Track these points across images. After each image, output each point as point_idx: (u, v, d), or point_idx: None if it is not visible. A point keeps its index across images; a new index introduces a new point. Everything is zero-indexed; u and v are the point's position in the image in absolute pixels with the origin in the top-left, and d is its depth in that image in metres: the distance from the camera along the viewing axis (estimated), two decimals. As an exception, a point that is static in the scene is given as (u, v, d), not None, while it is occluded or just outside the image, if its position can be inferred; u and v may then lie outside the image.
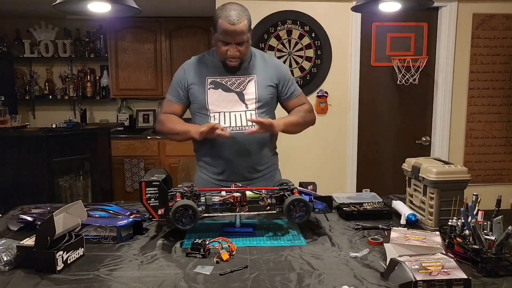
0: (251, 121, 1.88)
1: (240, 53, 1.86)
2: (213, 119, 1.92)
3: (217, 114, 1.92)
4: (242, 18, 1.81)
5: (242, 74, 1.95)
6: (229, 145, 1.91)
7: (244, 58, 1.92)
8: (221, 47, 1.86)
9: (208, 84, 1.94)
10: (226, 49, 1.85)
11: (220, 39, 1.84)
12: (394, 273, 1.19)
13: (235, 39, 1.82)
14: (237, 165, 1.95)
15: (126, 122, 4.97)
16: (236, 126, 1.91)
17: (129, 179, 4.48)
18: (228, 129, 1.87)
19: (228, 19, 1.79)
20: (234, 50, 1.84)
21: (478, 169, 3.73)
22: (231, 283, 1.21)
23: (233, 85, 1.94)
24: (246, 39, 1.85)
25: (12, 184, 3.13)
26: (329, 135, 3.63)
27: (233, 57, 1.86)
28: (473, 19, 3.56)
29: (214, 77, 1.95)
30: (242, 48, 1.86)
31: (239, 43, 1.84)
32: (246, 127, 1.91)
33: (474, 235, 1.34)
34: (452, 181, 1.62)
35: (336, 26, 3.54)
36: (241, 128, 1.91)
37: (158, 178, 1.55)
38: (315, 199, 1.60)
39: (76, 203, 1.41)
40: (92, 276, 1.26)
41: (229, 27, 1.79)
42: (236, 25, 1.79)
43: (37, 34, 4.70)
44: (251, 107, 1.93)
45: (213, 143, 1.93)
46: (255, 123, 1.85)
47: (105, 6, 1.75)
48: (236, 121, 1.92)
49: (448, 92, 3.63)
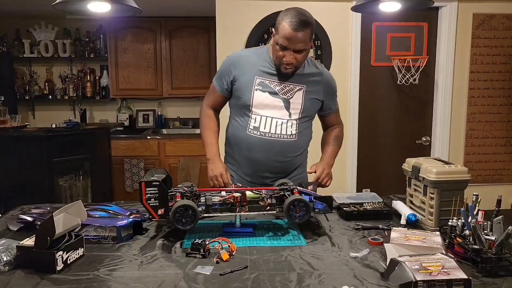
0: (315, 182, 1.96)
1: (297, 61, 1.80)
2: (254, 121, 1.89)
3: (259, 118, 1.89)
4: (307, 25, 1.73)
5: (293, 82, 1.90)
6: (263, 150, 1.90)
7: (300, 66, 1.86)
8: (278, 51, 1.79)
9: (256, 84, 1.89)
10: (283, 54, 1.78)
11: (279, 43, 1.77)
12: (394, 273, 1.19)
13: (295, 46, 1.74)
14: (267, 169, 1.94)
15: (126, 122, 4.96)
16: (276, 133, 1.89)
17: (129, 179, 4.48)
18: (266, 135, 1.89)
19: (292, 24, 1.71)
20: (291, 56, 1.77)
21: (478, 169, 3.73)
22: (231, 283, 1.21)
23: (281, 90, 1.88)
24: (306, 47, 1.78)
25: (12, 184, 3.13)
26: (329, 135, 3.63)
27: (288, 63, 1.80)
28: (473, 19, 3.56)
29: (263, 78, 1.89)
30: (300, 56, 1.79)
31: (297, 50, 1.76)
32: (285, 135, 1.90)
33: (474, 235, 1.34)
34: (452, 181, 1.62)
35: (336, 26, 3.54)
36: (279, 136, 1.89)
37: (158, 178, 1.55)
38: (315, 199, 1.60)
39: (76, 203, 1.41)
40: (92, 276, 1.26)
41: (291, 32, 1.71)
42: (299, 31, 1.71)
43: (37, 34, 4.70)
44: (294, 117, 1.90)
45: (248, 147, 1.93)
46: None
47: (105, 6, 1.75)
48: (276, 128, 1.88)
49: (448, 92, 3.63)
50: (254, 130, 1.90)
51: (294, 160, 1.99)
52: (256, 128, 1.89)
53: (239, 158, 1.99)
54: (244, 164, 1.98)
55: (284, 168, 1.97)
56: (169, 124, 5.11)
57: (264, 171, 1.95)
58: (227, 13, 3.49)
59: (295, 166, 2.02)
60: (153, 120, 5.10)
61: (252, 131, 1.90)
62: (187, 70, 4.75)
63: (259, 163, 1.93)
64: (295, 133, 1.92)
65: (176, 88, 4.78)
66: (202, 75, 4.75)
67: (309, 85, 1.92)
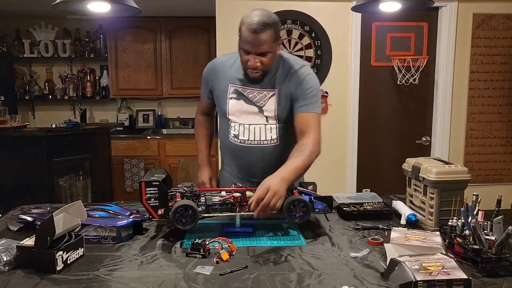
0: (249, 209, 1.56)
1: (262, 64, 1.71)
2: (234, 130, 1.87)
3: (237, 125, 1.85)
4: (267, 27, 1.63)
5: (265, 88, 1.81)
6: (248, 156, 1.88)
7: (268, 69, 1.76)
8: (243, 56, 1.72)
9: (230, 92, 1.85)
10: (247, 58, 1.70)
11: (241, 47, 1.71)
12: (394, 273, 1.19)
13: (256, 49, 1.67)
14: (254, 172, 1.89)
15: (126, 122, 4.96)
16: (255, 140, 1.84)
17: (129, 179, 4.48)
18: (246, 142, 1.84)
19: (252, 27, 1.63)
20: (255, 60, 1.69)
21: (478, 169, 3.73)
22: (231, 283, 1.21)
23: (254, 98, 1.82)
24: (270, 49, 1.68)
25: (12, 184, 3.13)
26: (329, 135, 3.63)
27: (253, 67, 1.71)
28: (473, 19, 3.56)
29: (237, 85, 1.84)
30: (265, 59, 1.70)
31: (261, 53, 1.68)
32: (265, 141, 1.84)
33: (474, 235, 1.34)
34: (452, 181, 1.62)
35: (336, 26, 3.54)
36: (259, 143, 1.84)
37: (158, 178, 1.55)
38: (315, 199, 1.60)
39: (76, 203, 1.41)
40: (92, 276, 1.26)
41: (250, 35, 1.64)
42: (258, 33, 1.63)
43: (37, 34, 4.70)
44: (272, 121, 1.84)
45: (233, 154, 1.92)
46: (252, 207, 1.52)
47: (105, 6, 1.75)
48: (255, 134, 1.84)
49: (448, 92, 3.63)
50: (235, 138, 1.87)
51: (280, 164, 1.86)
52: (236, 136, 1.87)
53: (229, 162, 1.99)
54: (234, 168, 1.98)
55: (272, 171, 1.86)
56: (169, 124, 5.11)
57: (252, 176, 1.90)
58: (227, 13, 3.49)
59: None
60: (153, 120, 5.10)
61: (233, 138, 1.88)
62: (187, 70, 4.75)
63: (245, 168, 1.92)
64: (276, 137, 1.84)
65: (176, 88, 4.78)
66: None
67: (282, 88, 1.81)
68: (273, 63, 1.76)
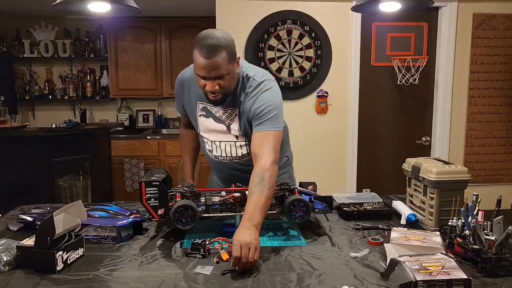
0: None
1: (220, 87, 1.62)
2: (207, 145, 1.87)
3: (209, 142, 1.85)
4: (219, 49, 1.55)
5: (228, 107, 1.75)
6: (223, 170, 1.91)
7: (227, 91, 1.66)
8: (199, 81, 1.63)
9: (199, 110, 1.81)
10: (204, 83, 1.61)
11: (196, 72, 1.62)
12: (394, 273, 1.19)
13: (211, 74, 1.57)
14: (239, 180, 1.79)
15: (126, 122, 4.96)
16: (227, 156, 1.83)
17: (129, 179, 4.48)
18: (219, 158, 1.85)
19: (203, 53, 1.54)
20: (212, 85, 1.60)
21: (478, 169, 3.73)
22: (231, 283, 1.21)
23: (221, 117, 1.77)
24: (226, 71, 1.59)
25: (12, 184, 3.13)
26: (329, 135, 3.63)
27: (211, 92, 1.62)
28: (473, 19, 3.56)
29: (205, 103, 1.77)
30: (223, 82, 1.61)
31: (217, 77, 1.59)
32: (236, 158, 1.82)
33: (474, 235, 1.34)
34: (452, 181, 1.62)
35: (336, 26, 3.54)
36: (231, 159, 1.83)
37: (158, 178, 1.55)
38: (315, 199, 1.60)
39: (76, 203, 1.41)
40: (92, 276, 1.26)
41: (203, 61, 1.55)
42: (211, 58, 1.54)
43: (37, 34, 4.70)
44: (241, 139, 1.79)
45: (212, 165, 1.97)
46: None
47: (105, 6, 1.75)
48: (226, 151, 1.82)
49: (448, 92, 3.63)
50: (209, 152, 1.88)
51: None
52: (210, 151, 1.87)
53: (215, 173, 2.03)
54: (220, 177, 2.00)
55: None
56: (169, 124, 5.11)
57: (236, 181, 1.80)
58: (227, 13, 3.49)
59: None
60: (153, 120, 5.10)
61: (208, 153, 1.89)
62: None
63: (226, 180, 1.92)
64: (247, 153, 1.79)
65: (176, 88, 4.78)
66: (202, 75, 4.74)
67: (242, 107, 1.73)
68: (232, 84, 1.67)
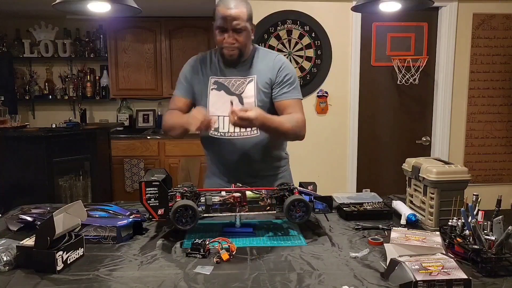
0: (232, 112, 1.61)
1: (238, 42, 1.76)
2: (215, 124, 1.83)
3: (216, 118, 1.83)
4: (240, 5, 1.75)
5: (242, 75, 1.85)
6: (230, 150, 1.87)
7: (243, 49, 1.80)
8: (218, 36, 1.78)
9: (211, 84, 1.87)
10: (223, 36, 1.76)
11: (217, 26, 1.77)
12: (394, 273, 1.19)
13: (231, 25, 1.73)
14: (239, 170, 1.89)
15: (126, 122, 4.97)
16: (235, 132, 1.84)
17: (129, 179, 4.49)
18: (226, 135, 1.83)
19: (225, 4, 1.74)
20: (230, 38, 1.75)
21: (478, 169, 3.73)
22: (231, 283, 1.21)
23: (233, 86, 1.85)
24: (244, 28, 1.76)
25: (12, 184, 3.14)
26: (329, 135, 3.63)
27: (230, 44, 1.76)
28: (473, 19, 3.56)
29: (217, 77, 1.87)
30: (240, 37, 1.76)
31: (236, 30, 1.74)
32: (245, 132, 1.83)
33: (474, 235, 1.34)
34: (452, 181, 1.62)
35: (336, 26, 3.54)
36: (239, 134, 1.84)
37: (158, 178, 1.55)
38: (315, 199, 1.60)
39: (76, 203, 1.41)
40: (92, 276, 1.26)
41: (225, 11, 1.73)
42: (232, 9, 1.73)
43: (37, 34, 4.71)
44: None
45: (216, 148, 1.91)
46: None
47: (105, 6, 1.75)
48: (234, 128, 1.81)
49: (448, 92, 3.63)
50: (215, 132, 1.86)
51: (265, 160, 1.91)
52: (216, 129, 1.86)
53: (215, 163, 1.98)
54: (218, 168, 1.96)
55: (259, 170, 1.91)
56: (169, 124, 5.10)
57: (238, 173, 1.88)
58: (227, 13, 3.48)
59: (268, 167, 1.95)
60: (153, 120, 5.10)
61: (213, 133, 1.86)
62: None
63: (229, 166, 1.90)
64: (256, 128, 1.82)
65: (176, 88, 4.78)
66: (202, 75, 4.75)
67: (260, 74, 1.85)
68: (247, 43, 1.82)
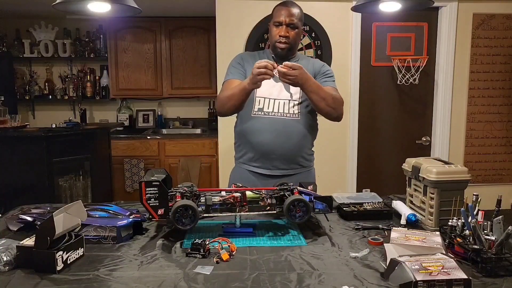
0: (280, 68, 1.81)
1: (290, 37, 2.01)
2: (258, 104, 2.03)
3: (262, 100, 2.03)
4: (295, 6, 2.05)
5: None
6: (268, 130, 2.00)
7: (293, 45, 2.06)
8: (273, 31, 2.04)
9: None
10: (278, 30, 2.01)
11: (273, 21, 2.04)
12: (394, 273, 1.19)
13: (287, 20, 1.99)
14: (274, 152, 2.01)
15: (126, 122, 4.96)
16: (279, 112, 2.01)
17: (129, 179, 4.48)
18: (270, 114, 2.00)
19: (283, 3, 2.06)
20: (284, 31, 2.00)
21: (478, 169, 3.73)
22: (231, 283, 1.21)
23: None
24: (297, 25, 2.03)
25: (12, 184, 3.13)
26: (329, 135, 3.63)
27: (283, 36, 2.00)
28: (473, 19, 3.56)
29: None
30: (292, 33, 2.02)
31: (290, 25, 2.00)
32: (288, 114, 2.02)
33: (474, 235, 1.34)
34: (452, 181, 1.62)
35: (336, 26, 3.54)
36: (282, 114, 2.01)
37: (158, 178, 1.55)
38: (315, 199, 1.60)
39: (76, 203, 1.41)
40: (92, 276, 1.26)
41: (282, 7, 2.03)
42: (289, 7, 2.03)
43: (37, 34, 4.70)
44: (295, 97, 2.04)
45: (252, 129, 2.03)
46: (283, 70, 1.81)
47: (105, 6, 1.75)
48: (279, 107, 2.01)
49: (448, 92, 3.63)
50: (259, 111, 2.03)
51: (300, 145, 2.06)
52: (260, 109, 2.03)
53: (248, 146, 2.08)
54: (252, 151, 2.06)
55: (292, 155, 2.05)
56: (169, 124, 5.11)
57: (272, 155, 2.02)
58: (227, 13, 3.49)
59: (303, 154, 2.09)
60: (153, 120, 5.10)
61: (256, 112, 2.03)
62: (187, 70, 4.75)
63: (266, 146, 2.01)
64: (298, 112, 2.03)
65: (176, 88, 4.79)
66: (202, 75, 4.75)
67: (307, 69, 2.00)
68: (297, 41, 2.09)
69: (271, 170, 2.05)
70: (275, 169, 2.04)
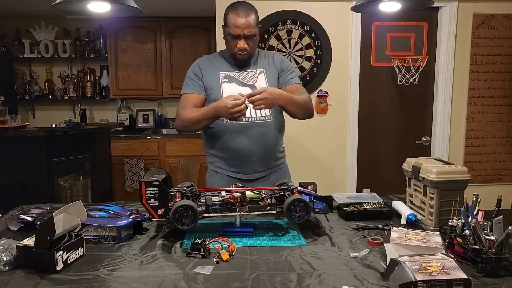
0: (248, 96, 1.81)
1: (249, 47, 1.96)
2: None
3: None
4: (250, 13, 1.94)
5: (253, 68, 2.06)
6: (243, 135, 1.98)
7: (253, 52, 2.03)
8: (230, 42, 1.98)
9: (221, 78, 2.04)
10: (236, 42, 1.96)
11: (230, 33, 1.96)
12: (394, 273, 1.19)
13: (244, 32, 1.93)
14: (250, 157, 2.01)
15: (126, 122, 4.96)
16: (251, 117, 1.99)
17: (129, 179, 4.48)
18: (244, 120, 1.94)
19: (238, 13, 1.93)
20: (242, 43, 1.95)
21: (478, 169, 3.73)
22: (231, 283, 1.21)
23: (245, 78, 2.03)
24: (254, 33, 1.97)
25: (12, 184, 3.13)
26: (329, 135, 3.63)
27: (242, 49, 1.96)
28: (473, 19, 3.56)
29: (226, 71, 2.05)
30: (251, 42, 1.97)
31: (247, 36, 1.94)
32: (260, 117, 2.00)
33: (474, 235, 1.34)
34: (452, 181, 1.62)
35: (336, 26, 3.53)
36: (255, 119, 2.00)
37: (158, 178, 1.55)
38: (315, 199, 1.60)
39: (76, 203, 1.41)
40: (92, 276, 1.26)
41: (237, 20, 1.92)
42: (247, 17, 1.92)
43: (37, 34, 4.70)
44: None
45: (226, 135, 2.00)
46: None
47: (105, 6, 1.75)
48: (251, 112, 1.97)
49: (448, 92, 3.63)
50: (228, 120, 1.96)
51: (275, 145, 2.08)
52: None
53: (222, 152, 2.05)
54: (227, 156, 2.04)
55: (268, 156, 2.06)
56: (169, 124, 5.11)
57: (251, 159, 2.01)
58: (227, 13, 3.48)
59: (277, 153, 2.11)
60: (153, 120, 5.10)
61: (228, 121, 1.98)
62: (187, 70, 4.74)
63: (244, 151, 2.00)
64: (269, 114, 2.02)
65: (176, 88, 4.78)
66: (202, 75, 4.74)
67: (268, 67, 2.08)
68: (255, 47, 2.04)
69: (250, 174, 2.04)
70: (254, 172, 2.05)
